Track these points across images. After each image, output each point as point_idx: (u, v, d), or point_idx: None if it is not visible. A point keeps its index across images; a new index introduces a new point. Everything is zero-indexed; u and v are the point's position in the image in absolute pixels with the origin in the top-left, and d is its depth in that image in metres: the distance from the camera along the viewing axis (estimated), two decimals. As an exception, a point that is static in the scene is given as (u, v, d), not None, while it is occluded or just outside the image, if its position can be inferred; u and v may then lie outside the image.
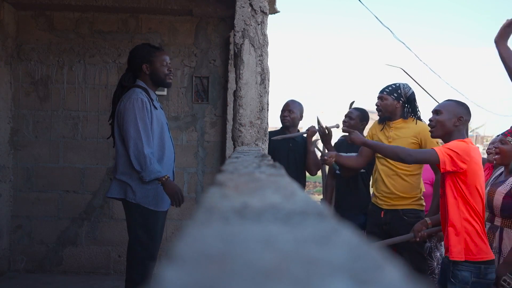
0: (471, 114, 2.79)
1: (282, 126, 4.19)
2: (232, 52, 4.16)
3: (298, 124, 4.22)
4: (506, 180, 3.00)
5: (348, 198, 3.89)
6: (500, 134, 3.24)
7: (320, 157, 4.44)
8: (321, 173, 4.44)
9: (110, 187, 3.02)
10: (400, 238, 3.13)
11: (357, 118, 4.00)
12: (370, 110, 4.94)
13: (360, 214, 3.89)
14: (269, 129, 2.95)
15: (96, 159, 4.34)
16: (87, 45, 4.33)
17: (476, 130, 29.90)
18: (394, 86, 3.45)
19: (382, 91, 3.46)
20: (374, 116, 4.82)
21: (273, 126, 4.28)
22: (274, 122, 4.34)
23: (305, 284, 0.35)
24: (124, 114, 2.87)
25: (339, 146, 4.12)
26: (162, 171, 2.89)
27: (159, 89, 3.31)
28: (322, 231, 0.51)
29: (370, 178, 3.95)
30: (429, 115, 2.83)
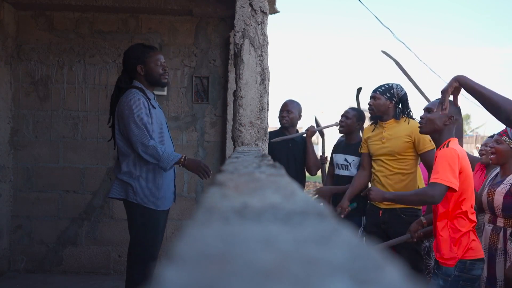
0: (461, 114, 2.80)
1: (280, 127, 4.19)
2: (232, 52, 4.17)
3: (297, 124, 4.21)
4: (504, 180, 3.00)
5: (337, 200, 3.88)
6: (495, 134, 3.24)
7: (319, 157, 4.45)
8: (321, 173, 4.45)
9: (111, 188, 3.02)
10: (397, 239, 3.13)
11: (353, 118, 4.00)
12: (364, 108, 4.94)
13: (356, 215, 3.89)
14: (269, 129, 2.95)
15: (96, 159, 4.34)
16: (87, 45, 4.33)
17: (476, 130, 29.93)
18: (387, 86, 3.47)
19: (375, 91, 3.48)
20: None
21: (273, 126, 4.28)
22: (274, 122, 4.34)
23: (305, 284, 0.35)
24: (123, 114, 2.88)
25: (337, 147, 4.12)
26: (176, 154, 2.89)
27: (159, 89, 3.31)
28: (322, 231, 0.51)
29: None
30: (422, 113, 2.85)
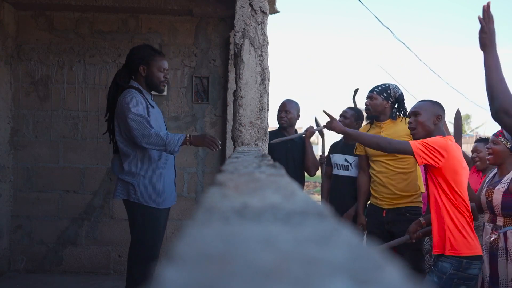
0: (445, 111, 2.85)
1: (279, 127, 4.18)
2: (232, 52, 4.17)
3: (295, 124, 4.19)
4: (501, 179, 3.02)
5: (336, 201, 3.89)
6: (481, 137, 3.29)
7: (319, 157, 4.45)
8: (320, 173, 4.44)
9: (115, 189, 3.03)
10: (397, 240, 3.13)
11: (351, 118, 4.01)
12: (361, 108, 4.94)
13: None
14: (268, 129, 2.95)
15: (96, 159, 4.34)
16: (87, 45, 4.33)
17: (476, 130, 29.95)
18: (383, 86, 3.48)
19: (371, 91, 3.49)
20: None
21: (273, 126, 4.28)
22: (274, 122, 4.34)
23: (305, 284, 0.35)
24: (123, 114, 2.88)
25: (335, 147, 4.12)
26: (180, 135, 2.89)
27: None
28: (322, 231, 0.51)
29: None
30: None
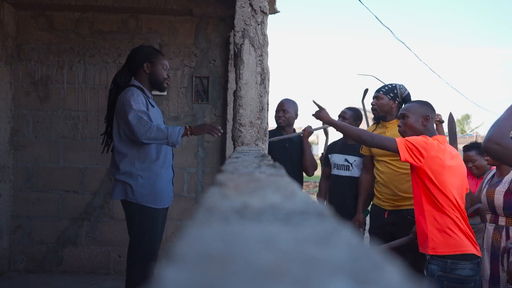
0: (435, 110, 2.84)
1: (277, 126, 4.16)
2: (232, 52, 4.17)
3: (293, 123, 4.17)
4: (502, 179, 3.03)
5: (337, 201, 3.89)
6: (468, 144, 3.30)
7: (320, 158, 4.45)
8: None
9: (113, 190, 3.03)
10: (399, 241, 3.12)
11: (350, 118, 4.00)
12: (369, 110, 4.94)
13: (347, 218, 3.88)
14: (268, 129, 2.95)
15: (96, 159, 4.34)
16: (87, 45, 4.33)
17: (476, 130, 29.95)
18: (390, 86, 3.46)
19: (378, 91, 3.48)
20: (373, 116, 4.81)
21: (273, 126, 4.28)
22: (273, 121, 4.33)
23: (305, 284, 0.35)
24: (123, 111, 2.88)
25: (333, 147, 4.12)
26: (180, 127, 2.92)
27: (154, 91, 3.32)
28: (322, 231, 0.51)
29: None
30: None
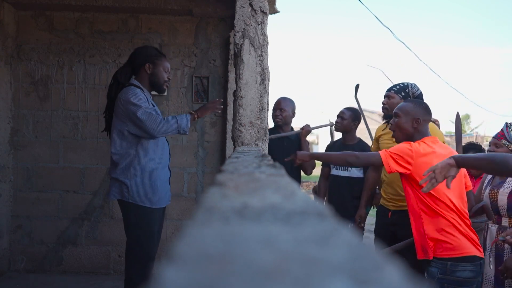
0: (431, 113, 2.79)
1: (274, 125, 4.13)
2: (232, 52, 4.17)
3: (291, 122, 4.14)
4: (505, 180, 3.01)
5: (336, 201, 3.88)
6: (492, 137, 3.26)
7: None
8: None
9: (110, 189, 3.03)
10: (403, 243, 3.10)
11: (349, 118, 3.98)
12: (369, 110, 4.93)
13: (346, 218, 3.87)
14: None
15: (96, 159, 4.34)
16: (87, 45, 4.33)
17: (475, 130, 29.97)
18: (402, 85, 3.37)
19: (389, 90, 3.40)
20: (374, 116, 4.81)
21: (270, 125, 4.27)
22: (271, 120, 4.32)
23: (305, 284, 0.35)
24: (126, 110, 2.89)
25: (332, 147, 4.11)
26: (186, 114, 3.01)
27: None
28: (322, 231, 0.51)
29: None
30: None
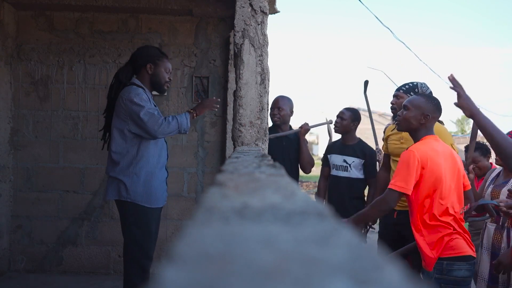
0: (441, 110, 2.75)
1: (272, 124, 4.10)
2: (232, 52, 4.16)
3: (289, 120, 4.13)
4: (509, 180, 3.00)
5: (335, 202, 3.88)
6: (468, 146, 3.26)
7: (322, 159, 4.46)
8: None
9: (107, 189, 3.03)
10: (407, 247, 3.09)
11: (349, 119, 3.97)
12: (369, 110, 4.93)
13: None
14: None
15: (96, 159, 4.34)
16: (87, 45, 4.33)
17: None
18: (411, 85, 3.30)
19: (398, 89, 3.33)
20: (374, 116, 4.81)
21: (271, 125, 4.27)
22: (270, 122, 4.32)
23: (305, 284, 0.35)
24: (128, 110, 2.89)
25: (332, 147, 4.11)
26: (185, 113, 3.03)
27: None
28: (322, 231, 0.51)
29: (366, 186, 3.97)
30: None
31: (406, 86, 3.30)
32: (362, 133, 4.24)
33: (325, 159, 4.14)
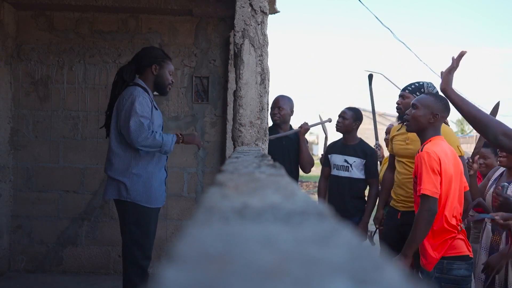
0: (450, 110, 2.72)
1: (273, 124, 4.10)
2: (232, 52, 4.16)
3: (289, 120, 4.13)
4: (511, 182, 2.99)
5: (336, 202, 3.88)
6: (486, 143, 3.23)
7: (320, 160, 4.45)
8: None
9: (106, 189, 3.03)
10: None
11: (351, 118, 3.96)
12: (368, 110, 4.94)
13: (356, 215, 3.86)
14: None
15: (96, 159, 4.34)
16: (87, 45, 4.33)
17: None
18: (417, 85, 3.26)
19: (404, 89, 3.29)
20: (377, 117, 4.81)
21: (271, 124, 4.27)
22: (271, 121, 4.32)
23: (305, 284, 0.35)
24: (124, 111, 2.89)
25: (333, 147, 4.10)
26: (172, 135, 2.99)
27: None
28: (322, 231, 0.51)
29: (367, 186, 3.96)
30: None
31: (412, 86, 3.27)
32: (362, 133, 4.23)
33: (325, 159, 4.13)
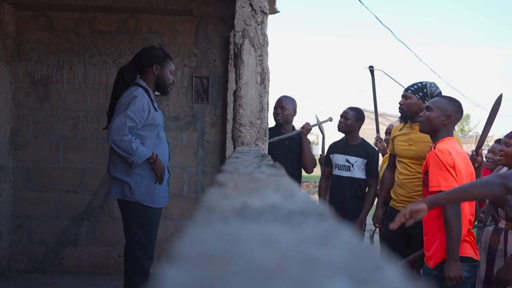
0: (463, 112, 2.75)
1: (275, 124, 4.12)
2: (232, 52, 4.16)
3: (292, 120, 4.15)
4: None
5: (337, 202, 3.87)
6: (504, 136, 3.22)
7: (320, 160, 4.45)
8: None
9: (109, 189, 3.03)
10: (415, 255, 3.06)
11: (353, 118, 3.96)
12: (368, 110, 4.93)
13: (356, 216, 3.86)
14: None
15: (96, 159, 4.34)
16: (87, 45, 4.33)
17: (475, 130, 30.01)
18: (420, 85, 3.24)
19: (406, 89, 3.27)
20: (373, 115, 4.81)
21: (271, 123, 4.28)
22: (272, 119, 4.33)
23: (305, 284, 0.35)
24: (120, 106, 2.90)
25: (335, 147, 4.10)
26: (148, 152, 2.93)
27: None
28: (322, 231, 0.51)
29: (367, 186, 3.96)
30: None
31: (415, 86, 3.25)
32: (362, 133, 4.23)
33: (327, 159, 4.13)
